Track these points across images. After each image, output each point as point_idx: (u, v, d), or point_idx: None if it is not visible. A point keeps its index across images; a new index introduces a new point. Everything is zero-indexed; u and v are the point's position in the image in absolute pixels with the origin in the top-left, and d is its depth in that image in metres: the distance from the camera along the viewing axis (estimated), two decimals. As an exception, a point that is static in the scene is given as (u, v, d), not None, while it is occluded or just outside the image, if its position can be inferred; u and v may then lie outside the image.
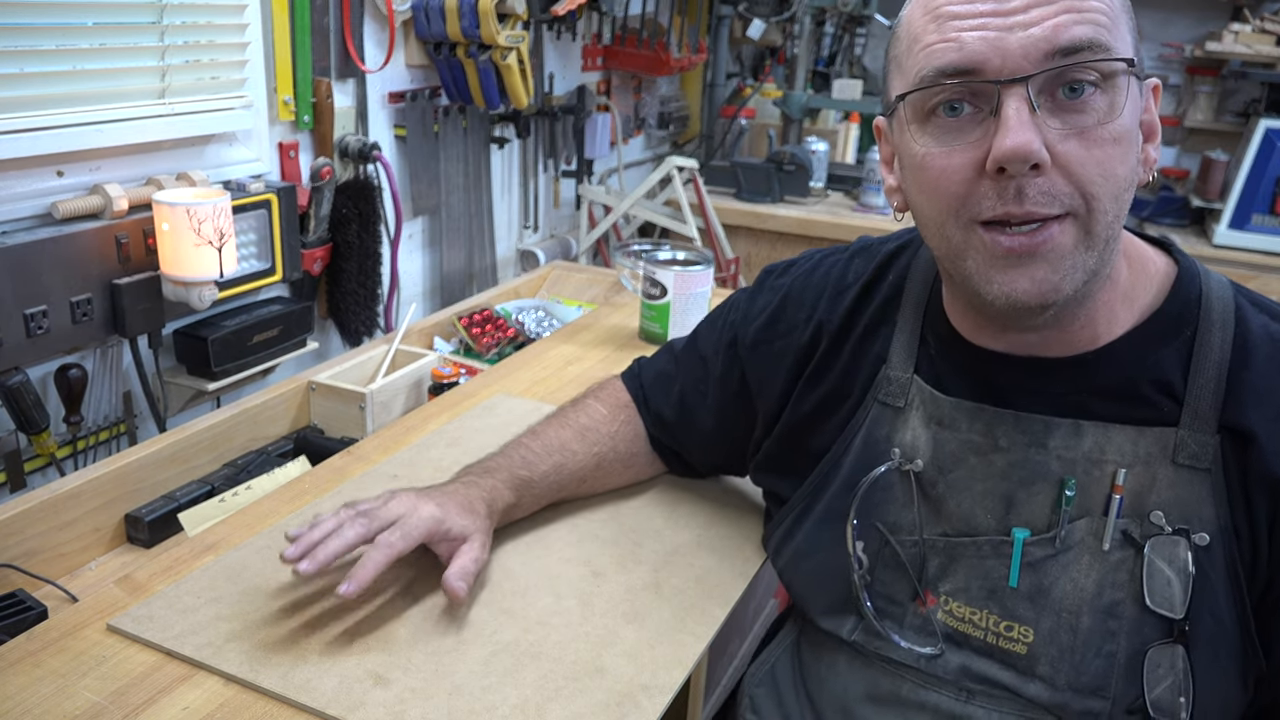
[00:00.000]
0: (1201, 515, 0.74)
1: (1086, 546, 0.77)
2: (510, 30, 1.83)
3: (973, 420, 0.81)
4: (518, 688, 0.80)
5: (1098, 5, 0.68)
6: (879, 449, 0.86)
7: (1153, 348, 0.76)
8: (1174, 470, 0.74)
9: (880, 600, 0.85)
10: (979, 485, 0.80)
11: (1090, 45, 0.66)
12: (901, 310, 0.88)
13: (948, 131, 0.70)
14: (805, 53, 2.96)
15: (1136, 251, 0.80)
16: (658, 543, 1.03)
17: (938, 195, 0.72)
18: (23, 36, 1.20)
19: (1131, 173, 0.70)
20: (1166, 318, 0.77)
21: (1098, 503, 0.76)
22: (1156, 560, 0.74)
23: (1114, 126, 0.68)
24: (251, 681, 0.79)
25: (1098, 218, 0.69)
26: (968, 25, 0.68)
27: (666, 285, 1.56)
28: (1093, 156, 0.68)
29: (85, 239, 1.26)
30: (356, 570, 0.84)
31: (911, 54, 0.72)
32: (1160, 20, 3.48)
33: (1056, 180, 0.68)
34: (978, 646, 0.81)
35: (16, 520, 1.03)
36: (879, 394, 0.87)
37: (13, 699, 0.76)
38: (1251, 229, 2.90)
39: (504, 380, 1.44)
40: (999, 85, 0.67)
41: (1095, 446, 0.76)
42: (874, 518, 0.85)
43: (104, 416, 1.39)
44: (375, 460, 1.18)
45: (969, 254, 0.72)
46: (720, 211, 2.68)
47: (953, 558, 0.81)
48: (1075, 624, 0.76)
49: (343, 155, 1.73)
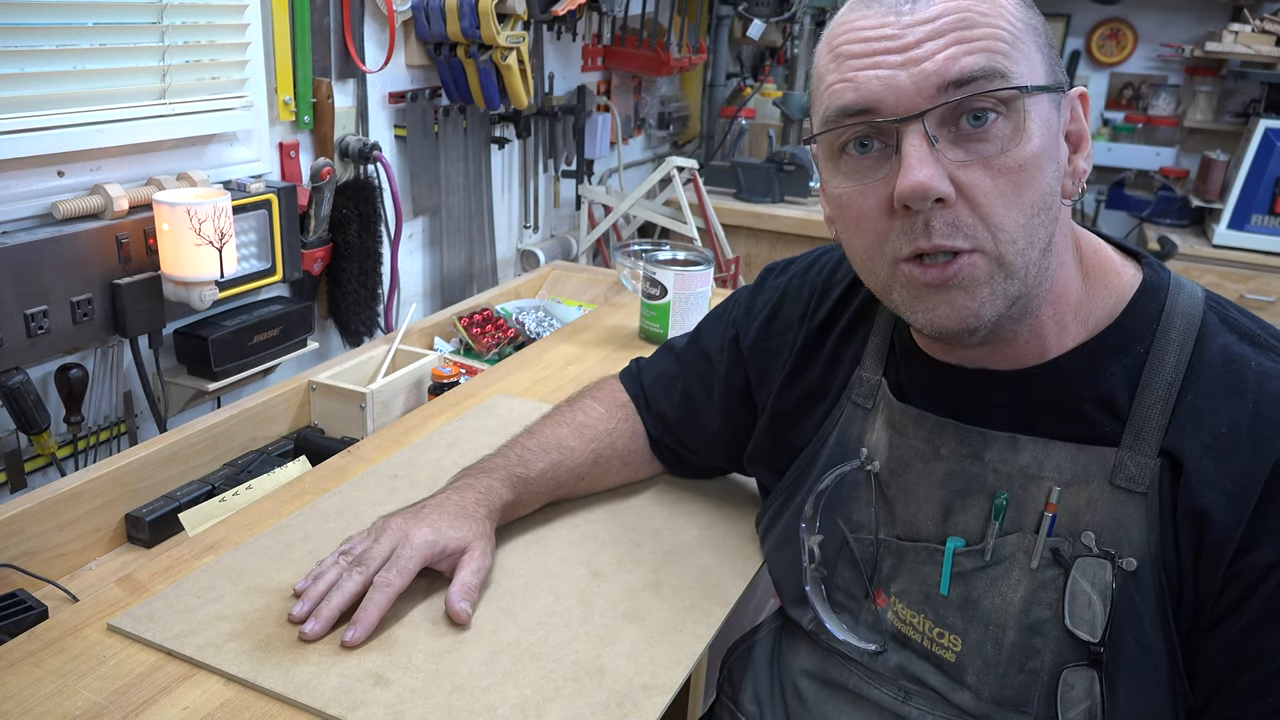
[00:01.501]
0: (1133, 540, 0.71)
1: (1017, 562, 0.76)
2: (510, 30, 1.84)
3: (918, 427, 0.82)
4: (518, 688, 0.80)
5: (992, 32, 0.67)
6: (850, 448, 0.87)
7: (1100, 364, 0.74)
8: (1110, 491, 0.72)
9: (839, 595, 0.87)
10: (922, 491, 0.81)
11: (984, 74, 0.66)
12: (879, 313, 0.89)
13: (859, 169, 0.72)
14: (805, 53, 2.96)
15: (1099, 262, 0.78)
16: (658, 542, 1.03)
17: (860, 236, 0.73)
18: (23, 36, 1.20)
19: (1046, 194, 0.69)
20: (1119, 333, 0.75)
21: (1031, 518, 0.75)
22: (1080, 581, 0.73)
23: (1018, 153, 0.68)
24: (252, 681, 0.79)
25: (1005, 248, 0.69)
26: (863, 64, 0.69)
27: (666, 285, 1.56)
28: (997, 186, 0.68)
29: (86, 239, 1.26)
30: (360, 615, 0.84)
31: (819, 93, 0.73)
32: (1160, 20, 3.48)
33: (962, 212, 0.68)
34: (917, 649, 0.82)
35: (17, 520, 1.03)
36: (852, 394, 0.89)
37: (13, 699, 0.76)
38: (1251, 229, 2.90)
39: (504, 380, 1.44)
40: (896, 124, 0.68)
41: (1033, 462, 0.75)
42: (838, 514, 0.87)
43: (104, 416, 1.39)
44: (375, 460, 1.18)
45: (894, 288, 0.73)
46: (720, 211, 2.68)
47: (901, 560, 0.83)
48: (1001, 638, 0.76)
49: (343, 155, 1.73)
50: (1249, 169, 2.88)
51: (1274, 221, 2.87)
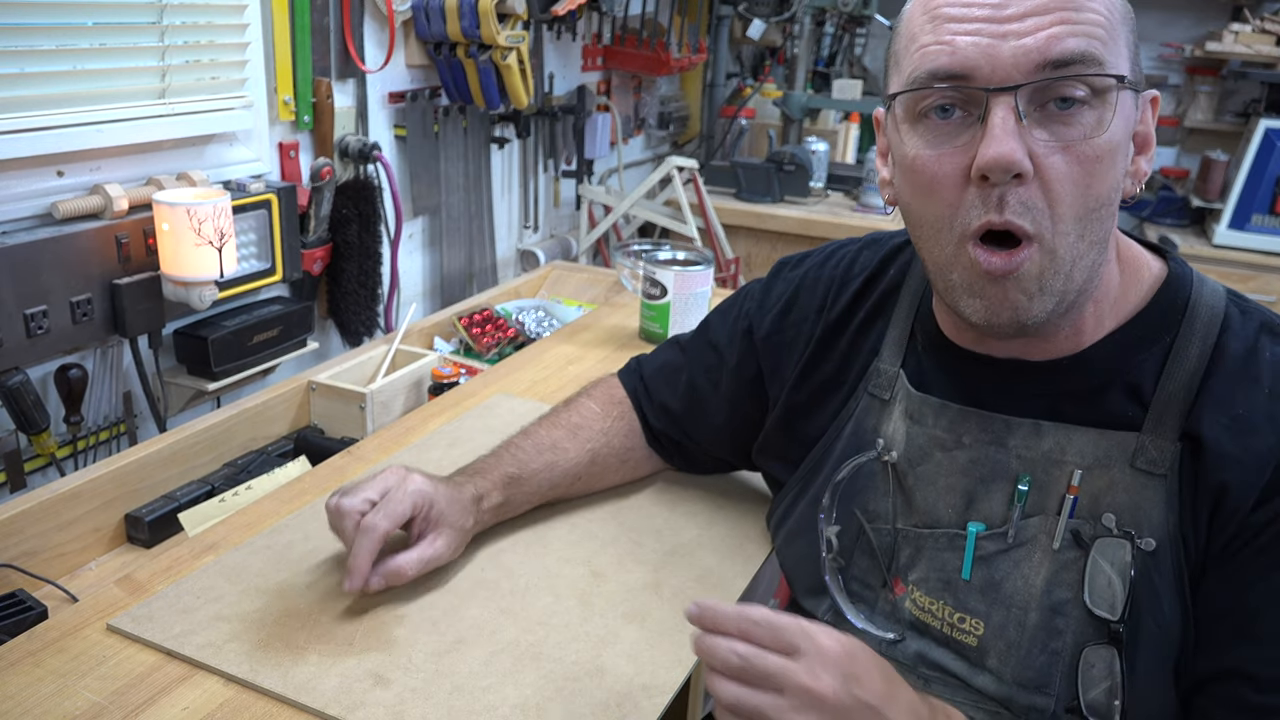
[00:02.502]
0: (1152, 520, 0.73)
1: (1039, 544, 0.77)
2: (510, 30, 1.83)
3: (939, 417, 0.83)
4: (518, 688, 0.80)
5: (1094, 18, 0.68)
6: (866, 438, 0.88)
7: (1129, 352, 0.76)
8: (1131, 474, 0.74)
9: (855, 585, 0.88)
10: (942, 480, 0.82)
11: (1082, 59, 0.66)
12: (898, 305, 0.90)
13: (938, 134, 0.71)
14: (805, 53, 2.96)
15: (1131, 256, 0.79)
16: (658, 542, 1.03)
17: (931, 203, 0.73)
18: (23, 36, 1.20)
19: (1112, 189, 0.70)
20: (1147, 323, 0.77)
21: (1053, 501, 0.77)
22: (1100, 561, 0.74)
23: (1099, 142, 0.68)
24: (251, 681, 0.79)
25: (1059, 240, 0.69)
26: (963, 29, 0.68)
27: (666, 285, 1.56)
28: (1071, 174, 0.68)
29: (85, 239, 1.26)
30: (351, 564, 0.86)
31: (908, 53, 0.72)
32: (1160, 20, 3.48)
33: (1034, 194, 0.68)
34: (936, 636, 0.82)
35: (16, 520, 1.03)
36: (869, 385, 0.89)
37: (13, 699, 0.76)
38: (1251, 229, 2.90)
39: (504, 380, 1.44)
40: (988, 93, 0.67)
41: (1055, 447, 0.77)
42: (855, 504, 0.87)
43: (104, 416, 1.39)
44: (375, 460, 1.18)
45: (955, 269, 0.73)
46: (720, 211, 2.68)
47: (919, 548, 0.83)
48: (1023, 619, 0.77)
49: (343, 155, 1.73)
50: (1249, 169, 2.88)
51: (1274, 221, 2.87)
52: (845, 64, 3.69)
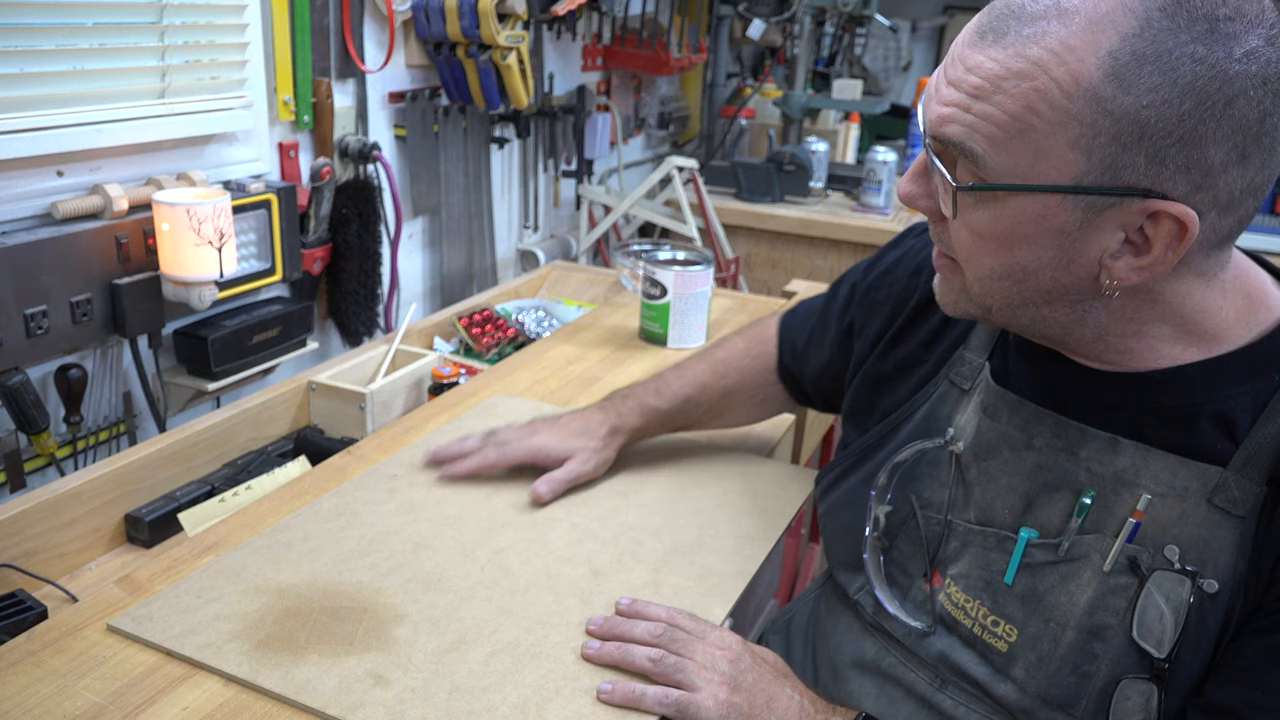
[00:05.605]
0: (1218, 561, 0.70)
1: (1090, 563, 0.75)
2: (510, 30, 1.84)
3: (1014, 414, 0.81)
4: (518, 688, 0.80)
5: (996, 115, 0.65)
6: (937, 425, 0.87)
7: (1229, 381, 0.72)
8: (1206, 510, 0.71)
9: (893, 568, 0.87)
10: (1005, 479, 0.81)
11: (957, 146, 0.68)
12: None
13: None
14: (805, 53, 2.96)
15: (1248, 281, 0.76)
16: (658, 542, 1.03)
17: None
18: (23, 36, 1.20)
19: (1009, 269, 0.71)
20: (1255, 356, 0.72)
21: (1114, 522, 0.74)
22: (1155, 594, 0.71)
23: (954, 223, 0.73)
24: (251, 681, 0.79)
25: (967, 278, 0.75)
26: (936, 78, 0.73)
27: (666, 285, 1.56)
28: (956, 234, 0.74)
29: (85, 239, 1.26)
30: (455, 466, 1.10)
31: None
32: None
33: (946, 238, 0.75)
34: (964, 635, 0.81)
35: (16, 520, 1.03)
36: (950, 372, 0.88)
37: (13, 699, 0.76)
38: (1251, 229, 2.89)
39: (504, 380, 1.44)
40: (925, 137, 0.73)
41: (1130, 467, 0.74)
42: (911, 489, 0.87)
43: (104, 416, 1.39)
44: (375, 460, 1.18)
45: None
46: (720, 211, 2.68)
47: (966, 544, 0.82)
48: (1059, 636, 0.75)
49: (343, 155, 1.73)
50: (1249, 169, 2.88)
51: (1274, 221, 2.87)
52: (845, 64, 3.69)
